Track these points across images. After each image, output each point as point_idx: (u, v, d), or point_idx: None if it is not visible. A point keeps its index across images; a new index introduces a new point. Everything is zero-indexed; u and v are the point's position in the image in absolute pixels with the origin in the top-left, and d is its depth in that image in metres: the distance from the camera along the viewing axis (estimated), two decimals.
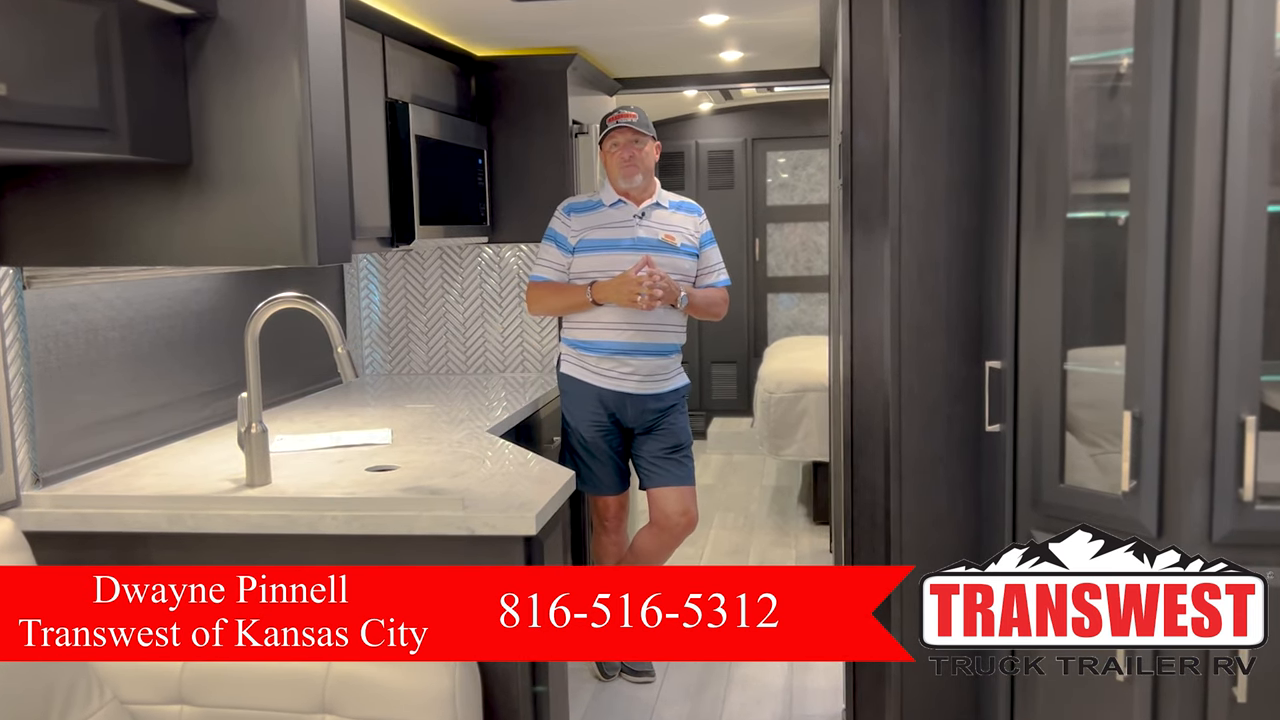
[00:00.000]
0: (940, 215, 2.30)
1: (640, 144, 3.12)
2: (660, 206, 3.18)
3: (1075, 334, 1.97)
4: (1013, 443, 2.04)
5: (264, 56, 1.85)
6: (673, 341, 3.18)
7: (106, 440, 2.34)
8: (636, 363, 3.11)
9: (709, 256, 3.25)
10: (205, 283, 2.71)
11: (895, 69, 2.26)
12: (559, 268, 3.13)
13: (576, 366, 3.18)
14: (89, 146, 1.68)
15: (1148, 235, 1.74)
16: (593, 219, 3.13)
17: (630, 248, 3.08)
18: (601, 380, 3.13)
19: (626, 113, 3.16)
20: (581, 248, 3.10)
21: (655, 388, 3.17)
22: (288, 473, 2.24)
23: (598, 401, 3.15)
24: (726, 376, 7.30)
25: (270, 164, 1.87)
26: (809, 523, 5.09)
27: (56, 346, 2.19)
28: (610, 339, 3.11)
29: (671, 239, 3.14)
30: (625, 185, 3.12)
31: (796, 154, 7.16)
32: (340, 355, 2.13)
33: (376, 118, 2.89)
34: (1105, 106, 1.99)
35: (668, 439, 3.24)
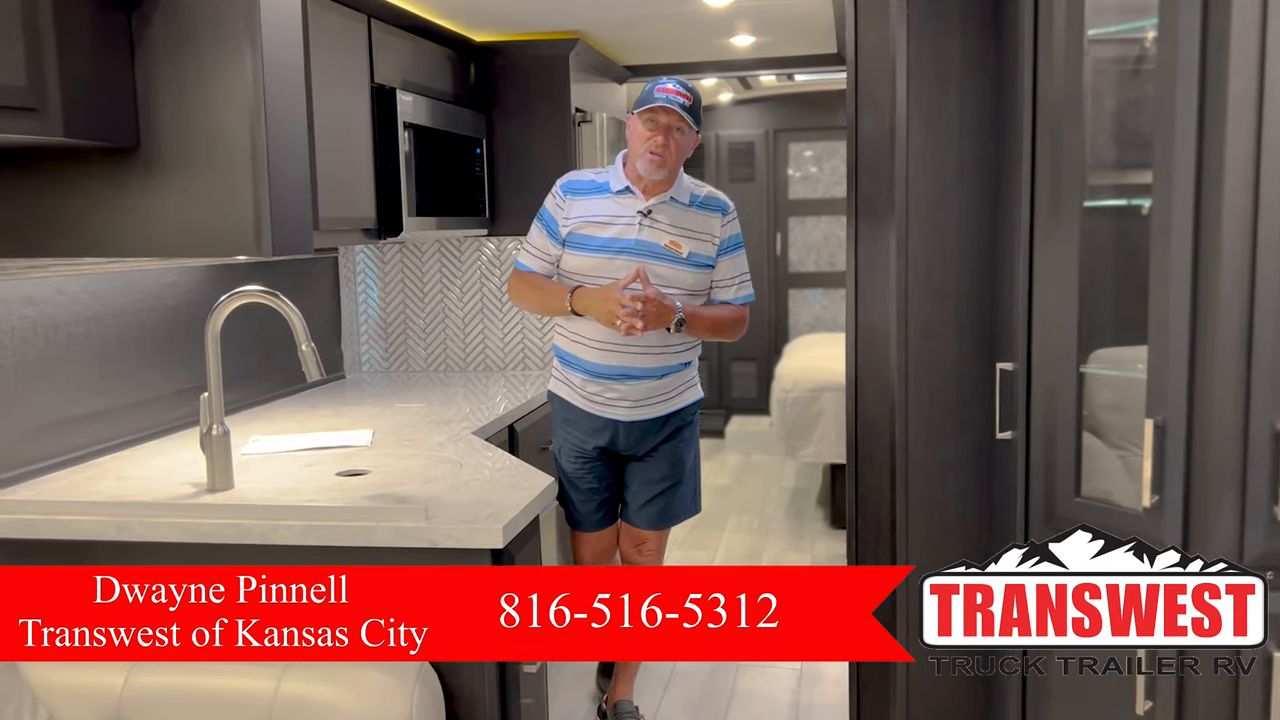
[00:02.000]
0: (951, 205, 2.13)
1: (682, 133, 2.54)
2: (676, 203, 2.60)
3: (1096, 334, 1.80)
4: (1025, 451, 1.88)
5: (214, 34, 1.74)
6: (674, 363, 2.65)
7: (68, 441, 2.23)
8: (624, 388, 2.61)
9: (730, 266, 2.66)
10: (181, 276, 2.60)
11: (903, 48, 2.09)
12: (546, 259, 2.63)
13: (560, 383, 2.73)
14: (15, 128, 1.57)
15: (1173, 224, 1.57)
16: (592, 206, 2.59)
17: (626, 252, 2.55)
18: (586, 404, 2.66)
19: (680, 91, 2.52)
20: (573, 242, 2.58)
21: (653, 411, 2.67)
22: (252, 477, 2.12)
23: (584, 428, 2.67)
24: (746, 374, 7.15)
25: (221, 149, 1.76)
26: (826, 526, 4.92)
27: (12, 342, 2.09)
28: (593, 360, 2.61)
29: (677, 246, 2.57)
30: (645, 173, 2.54)
31: (821, 145, 6.99)
32: (304, 353, 2.00)
33: (362, 104, 2.77)
34: (1128, 85, 1.82)
35: (661, 467, 2.73)
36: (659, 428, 2.69)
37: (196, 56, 1.74)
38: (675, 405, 2.69)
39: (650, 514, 2.77)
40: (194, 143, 1.77)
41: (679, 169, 2.61)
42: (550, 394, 2.78)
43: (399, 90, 2.86)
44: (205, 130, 1.76)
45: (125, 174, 1.79)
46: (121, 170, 1.79)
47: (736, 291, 2.68)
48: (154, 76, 1.76)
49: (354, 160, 2.74)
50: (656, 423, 2.67)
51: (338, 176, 2.63)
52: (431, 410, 2.91)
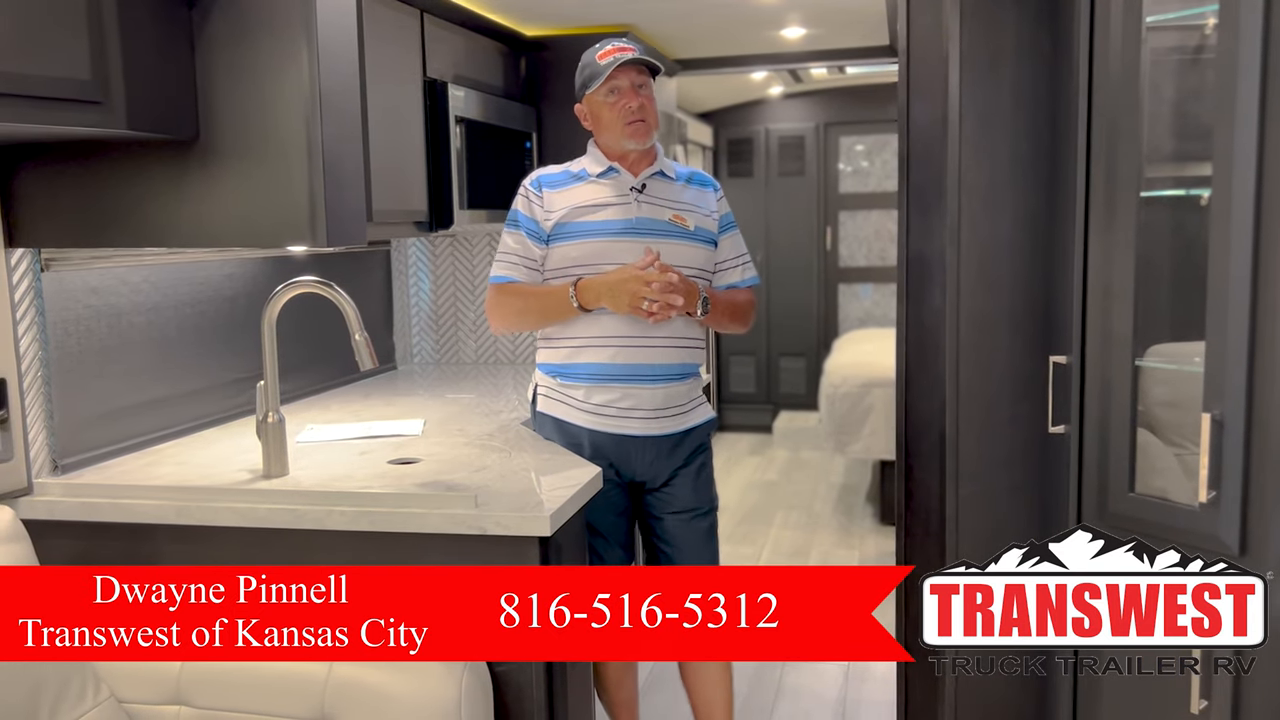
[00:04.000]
0: (1004, 196, 2.09)
1: (646, 88, 2.26)
2: (665, 177, 2.33)
3: (1153, 327, 1.77)
4: (1078, 446, 1.86)
5: (271, 28, 1.77)
6: (692, 361, 2.33)
7: (130, 428, 2.29)
8: (642, 393, 2.25)
9: (732, 245, 2.39)
10: (239, 268, 2.65)
11: (955, 36, 2.07)
12: (530, 263, 2.27)
13: (557, 403, 2.31)
14: (81, 121, 1.61)
15: (1232, 215, 1.53)
16: (576, 194, 2.27)
17: (628, 232, 2.24)
18: (592, 421, 2.27)
19: (621, 45, 2.25)
20: (560, 234, 2.25)
21: (671, 425, 2.30)
22: (307, 464, 2.16)
23: (590, 450, 2.27)
24: (795, 370, 7.11)
25: (277, 141, 1.79)
26: (875, 523, 4.89)
27: (77, 330, 2.14)
28: (600, 360, 2.24)
29: (682, 220, 2.29)
30: (635, 146, 2.26)
31: (872, 139, 6.93)
32: (357, 342, 2.04)
33: (414, 98, 2.80)
34: (1187, 73, 1.78)
35: (683, 497, 2.34)
36: (679, 448, 2.33)
37: (254, 50, 1.77)
38: (690, 421, 2.33)
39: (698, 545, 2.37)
40: (251, 135, 1.80)
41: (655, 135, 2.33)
42: (539, 417, 2.36)
43: (451, 85, 2.89)
44: (262, 123, 1.79)
45: (184, 165, 1.83)
46: (181, 162, 1.83)
47: (743, 273, 2.41)
48: (213, 70, 1.80)
49: (406, 153, 2.77)
50: (675, 440, 2.31)
51: (390, 169, 2.67)
52: (481, 401, 2.94)
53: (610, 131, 2.27)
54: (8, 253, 1.95)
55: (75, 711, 1.67)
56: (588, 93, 2.27)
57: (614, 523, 2.32)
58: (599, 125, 2.30)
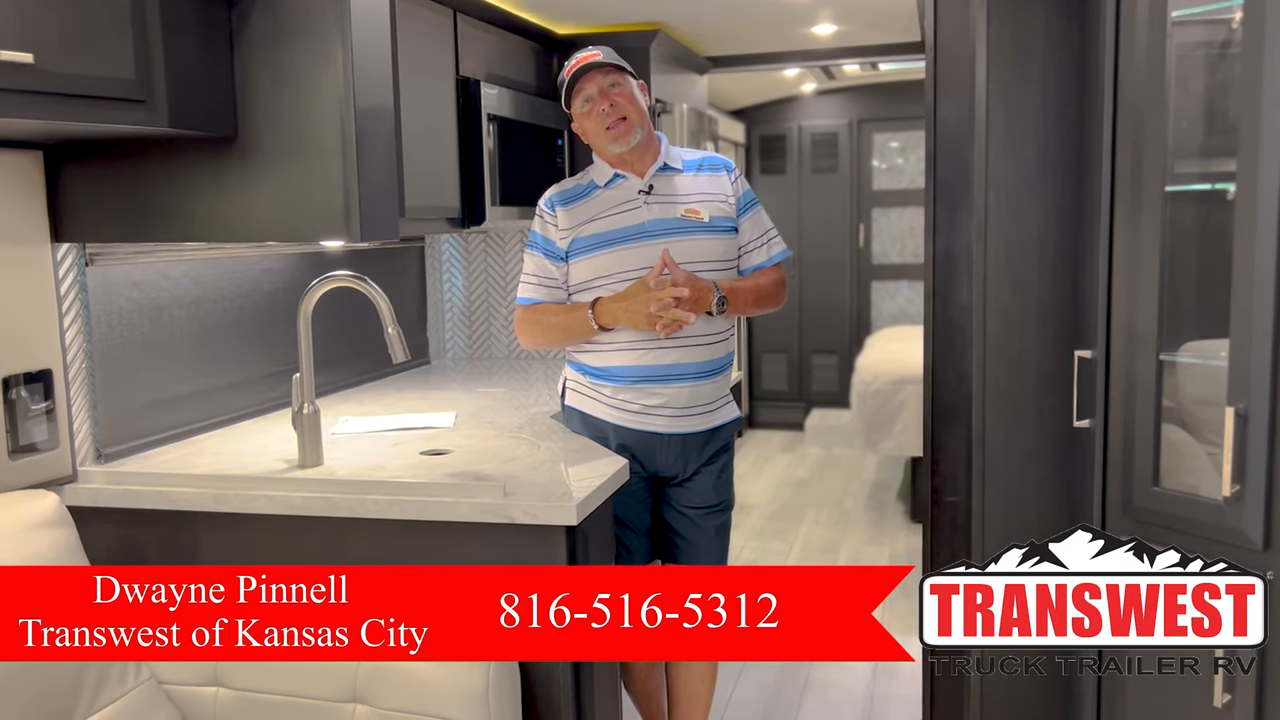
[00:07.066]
0: (1033, 192, 2.10)
1: (619, 86, 2.27)
2: (673, 170, 2.33)
3: (1180, 322, 1.77)
4: (1103, 440, 1.86)
5: (307, 28, 1.81)
6: (720, 356, 2.33)
7: (172, 418, 2.35)
8: (670, 391, 2.27)
9: (754, 225, 2.35)
10: (278, 263, 2.71)
11: (983, 31, 2.07)
12: (552, 283, 2.32)
13: (585, 398, 2.36)
14: (125, 119, 1.66)
15: (1258, 208, 1.53)
16: (586, 209, 2.30)
17: (640, 236, 2.25)
18: (619, 416, 2.30)
19: (587, 53, 2.28)
20: (576, 250, 2.28)
21: (697, 424, 2.32)
22: (341, 454, 2.21)
23: (614, 446, 2.30)
24: (827, 367, 7.10)
25: (313, 138, 1.84)
26: (906, 520, 4.89)
27: (120, 323, 2.20)
28: (629, 363, 2.27)
29: (696, 214, 2.28)
30: (620, 149, 2.27)
31: (906, 135, 6.91)
32: (390, 335, 2.08)
33: (447, 96, 2.84)
34: (1213, 67, 1.78)
35: (703, 493, 2.37)
36: (705, 445, 2.35)
37: (291, 50, 1.82)
38: (721, 418, 2.36)
39: (706, 542, 2.39)
40: (287, 133, 1.84)
41: (649, 125, 2.32)
42: (567, 410, 2.42)
43: (483, 83, 2.93)
44: (298, 121, 1.83)
45: (224, 163, 1.88)
46: (220, 159, 1.88)
47: (769, 251, 2.37)
48: (251, 69, 1.84)
49: (439, 151, 2.81)
50: (701, 438, 2.33)
51: (423, 166, 2.71)
52: (512, 395, 2.98)
53: (596, 139, 2.30)
54: (54, 247, 2.01)
55: (117, 691, 1.73)
56: (570, 109, 2.32)
57: (638, 514, 2.36)
58: (588, 137, 2.33)
